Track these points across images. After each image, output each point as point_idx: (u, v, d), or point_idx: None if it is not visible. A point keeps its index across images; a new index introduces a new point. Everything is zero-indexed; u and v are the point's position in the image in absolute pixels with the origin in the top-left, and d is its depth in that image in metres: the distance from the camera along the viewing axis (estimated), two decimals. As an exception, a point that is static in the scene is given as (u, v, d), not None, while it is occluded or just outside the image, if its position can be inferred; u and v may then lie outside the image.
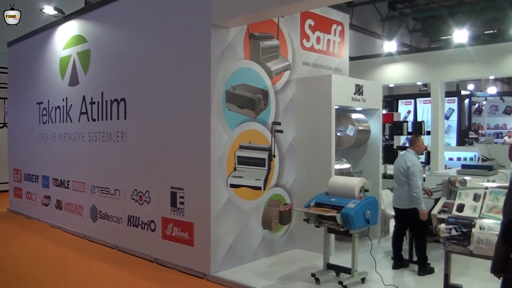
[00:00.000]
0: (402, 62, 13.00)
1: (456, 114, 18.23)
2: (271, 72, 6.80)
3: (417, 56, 13.29)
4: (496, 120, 23.97)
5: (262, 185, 6.66)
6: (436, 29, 23.34)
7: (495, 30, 21.99)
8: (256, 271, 6.11)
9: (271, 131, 6.78)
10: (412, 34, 23.08)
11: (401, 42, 21.62)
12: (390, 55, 13.44)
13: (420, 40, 24.30)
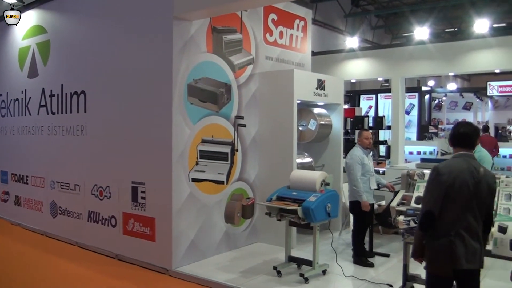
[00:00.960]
0: (364, 58, 13.19)
1: (416, 109, 18.63)
2: (234, 66, 6.78)
3: (379, 52, 13.51)
4: (456, 115, 24.63)
5: (224, 179, 6.65)
6: (398, 26, 23.71)
7: (455, 28, 22.47)
8: (219, 265, 6.12)
9: (234, 125, 6.78)
10: (375, 31, 23.38)
11: (364, 38, 21.90)
12: (353, 51, 13.61)
13: (383, 37, 24.64)
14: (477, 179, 3.35)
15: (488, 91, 21.05)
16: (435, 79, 25.00)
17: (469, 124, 3.68)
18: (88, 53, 7.16)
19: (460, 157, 3.47)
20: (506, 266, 5.08)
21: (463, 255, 3.29)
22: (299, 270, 5.78)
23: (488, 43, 11.19)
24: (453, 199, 3.32)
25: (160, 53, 6.07)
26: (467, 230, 3.32)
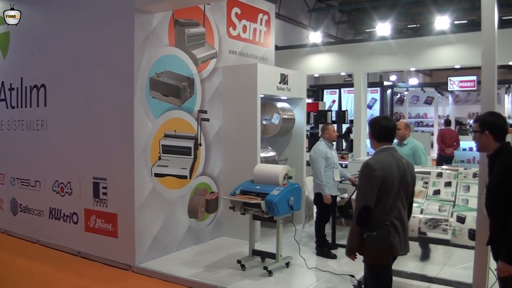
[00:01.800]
0: (327, 53, 13.29)
1: (379, 103, 18.94)
2: (197, 59, 6.72)
3: (341, 47, 13.64)
4: (417, 109, 25.15)
5: (188, 174, 6.61)
6: (361, 22, 23.99)
7: (417, 25, 22.88)
8: (182, 260, 6.08)
9: (197, 119, 6.73)
10: (338, 26, 23.60)
11: (328, 33, 22.07)
12: (316, 46, 13.69)
13: (346, 32, 24.88)
14: (402, 170, 3.56)
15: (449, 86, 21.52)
16: (397, 74, 25.43)
17: (388, 118, 3.85)
18: (48, 46, 6.97)
19: (386, 151, 3.62)
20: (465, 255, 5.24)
21: (398, 243, 3.49)
22: (263, 263, 5.81)
23: (449, 40, 11.45)
24: (386, 192, 3.47)
25: (121, 46, 5.96)
26: (399, 219, 3.52)
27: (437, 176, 4.85)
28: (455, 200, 4.59)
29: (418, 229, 4.48)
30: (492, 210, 3.25)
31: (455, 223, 4.36)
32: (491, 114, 3.44)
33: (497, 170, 3.20)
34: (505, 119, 3.40)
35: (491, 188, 3.25)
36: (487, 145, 3.35)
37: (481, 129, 3.34)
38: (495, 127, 3.32)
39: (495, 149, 3.31)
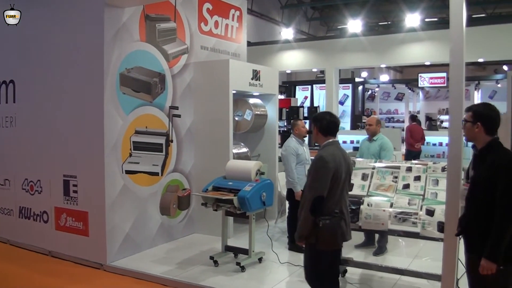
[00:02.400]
0: (299, 49, 13.36)
1: (350, 100, 19.14)
2: (168, 55, 6.65)
3: (313, 44, 13.73)
4: (388, 105, 25.49)
5: (159, 171, 6.55)
6: (333, 19, 24.12)
7: (389, 22, 23.15)
8: (155, 257, 6.04)
9: (168, 115, 6.67)
10: (310, 23, 23.67)
11: (300, 29, 22.15)
12: (288, 42, 13.74)
13: (318, 29, 24.99)
14: (347, 162, 3.88)
15: (420, 83, 21.87)
16: (368, 71, 25.69)
17: (332, 114, 4.07)
18: (17, 41, 6.77)
19: (333, 145, 3.88)
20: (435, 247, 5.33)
21: (345, 230, 3.81)
22: (235, 259, 5.81)
23: (419, 37, 11.64)
24: (336, 182, 3.73)
25: (91, 41, 5.85)
26: (346, 207, 3.86)
27: (406, 170, 4.92)
28: (424, 194, 4.66)
29: (388, 222, 4.53)
30: (475, 203, 3.22)
31: (424, 216, 4.43)
32: (485, 105, 3.39)
33: (489, 166, 3.14)
34: (499, 112, 3.32)
35: (478, 182, 3.22)
36: (477, 137, 3.28)
37: (473, 120, 3.26)
38: (488, 119, 3.25)
39: (486, 143, 3.24)
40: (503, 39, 10.53)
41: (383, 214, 4.57)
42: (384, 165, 5.09)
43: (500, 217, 3.01)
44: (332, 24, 25.12)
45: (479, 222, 3.17)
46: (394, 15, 21.37)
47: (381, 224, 4.56)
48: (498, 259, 3.00)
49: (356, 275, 5.38)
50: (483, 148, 3.26)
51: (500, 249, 3.00)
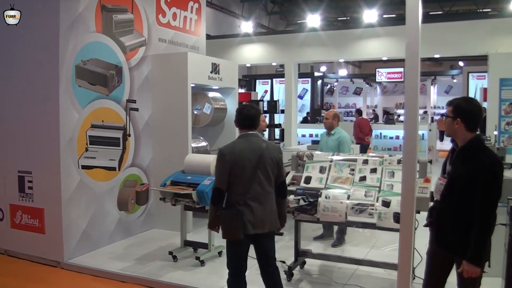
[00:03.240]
0: (259, 43, 13.38)
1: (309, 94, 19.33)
2: (125, 47, 6.52)
3: (273, 38, 13.78)
4: (347, 100, 25.94)
5: (116, 166, 6.43)
6: (293, 13, 24.26)
7: (347, 17, 23.45)
8: (113, 254, 5.95)
9: (125, 109, 6.55)
10: (270, 17, 23.73)
11: (260, 23, 22.16)
12: (248, 36, 13.73)
13: (278, 23, 25.08)
14: (258, 153, 3.79)
15: (377, 77, 22.35)
16: (327, 65, 26.01)
17: (250, 107, 4.04)
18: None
19: (243, 137, 3.90)
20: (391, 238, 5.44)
21: (250, 222, 3.75)
22: (195, 253, 5.78)
23: (377, 32, 11.86)
24: (238, 175, 3.76)
25: (46, 32, 5.66)
26: (254, 200, 3.78)
27: (363, 163, 4.99)
28: (380, 186, 4.75)
29: (345, 214, 4.60)
30: (451, 199, 3.19)
31: (380, 208, 4.52)
32: (467, 100, 3.29)
33: (472, 165, 3.08)
34: (481, 108, 3.25)
35: (457, 179, 3.16)
36: (457, 133, 3.20)
37: (454, 115, 3.18)
38: (469, 115, 3.17)
39: (468, 141, 3.17)
40: (458, 36, 10.86)
41: (341, 206, 4.63)
42: (341, 158, 5.15)
43: (483, 220, 3.01)
44: (292, 19, 25.25)
45: (452, 218, 3.17)
46: (353, 11, 21.66)
47: (338, 216, 4.62)
48: (482, 263, 3.03)
49: (315, 267, 5.45)
50: (464, 146, 3.18)
51: (484, 252, 3.03)
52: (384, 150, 14.00)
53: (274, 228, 3.93)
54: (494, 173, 3.02)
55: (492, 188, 3.01)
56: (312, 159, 5.20)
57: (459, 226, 3.10)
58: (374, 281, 5.03)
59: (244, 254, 3.92)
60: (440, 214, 3.29)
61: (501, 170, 3.07)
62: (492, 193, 3.02)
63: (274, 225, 3.92)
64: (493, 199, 3.02)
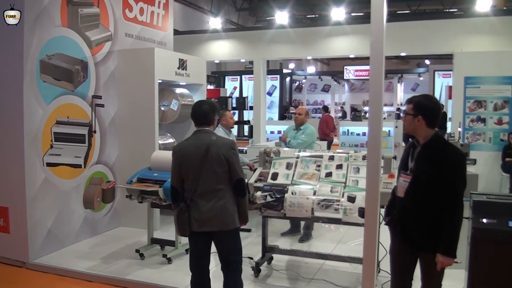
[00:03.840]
0: (227, 39, 13.35)
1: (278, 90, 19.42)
2: (90, 42, 6.41)
3: (242, 34, 13.78)
4: (315, 96, 26.14)
5: (82, 163, 6.33)
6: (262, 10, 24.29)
7: (316, 15, 23.61)
8: (79, 253, 5.86)
9: (91, 105, 6.45)
10: (240, 13, 23.71)
11: (229, 20, 22.12)
12: (216, 32, 13.69)
13: (247, 19, 25.06)
14: (205, 149, 3.68)
15: (345, 75, 22.61)
16: (296, 62, 26.16)
17: (204, 102, 4.04)
18: None
19: (194, 134, 3.86)
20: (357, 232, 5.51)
21: (195, 219, 3.70)
22: (162, 251, 5.75)
23: (345, 30, 11.99)
24: (186, 172, 3.73)
25: (10, 26, 5.47)
26: (201, 197, 3.70)
27: (329, 159, 5.06)
28: (346, 181, 4.82)
29: (311, 210, 4.65)
30: (415, 196, 3.23)
31: (346, 203, 4.59)
32: (427, 97, 3.35)
33: (437, 162, 3.13)
34: (441, 105, 3.28)
35: (421, 176, 3.20)
36: (418, 130, 3.24)
37: (414, 112, 3.22)
38: (429, 112, 3.22)
39: (429, 137, 3.22)
40: (425, 35, 11.06)
41: (307, 202, 4.68)
42: (308, 154, 5.20)
43: (452, 213, 3.07)
44: (261, 15, 25.28)
45: (418, 215, 3.21)
46: (321, 9, 21.82)
47: (304, 212, 4.67)
48: (454, 253, 3.09)
49: (283, 262, 5.50)
50: (427, 143, 3.22)
51: (455, 243, 3.08)
52: (352, 147, 14.15)
53: (226, 227, 3.74)
54: (460, 168, 3.11)
55: (459, 183, 3.10)
56: (279, 155, 5.24)
57: (425, 223, 3.15)
58: (340, 275, 5.10)
59: (199, 250, 3.84)
60: (404, 211, 3.32)
61: (465, 164, 3.17)
62: (459, 188, 3.10)
63: (225, 224, 3.74)
64: (461, 193, 3.11)
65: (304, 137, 6.41)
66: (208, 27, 15.46)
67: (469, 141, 9.41)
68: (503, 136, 9.32)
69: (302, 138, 6.41)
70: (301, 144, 6.31)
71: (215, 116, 3.92)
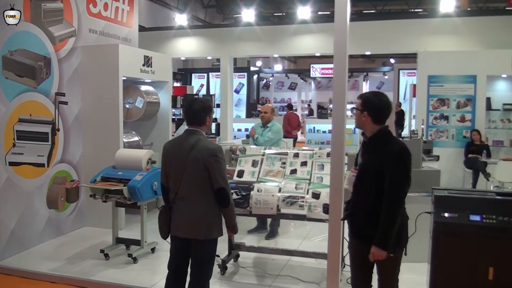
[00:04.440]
0: (194, 36, 13.29)
1: (245, 88, 19.44)
2: (54, 37, 6.28)
3: (208, 32, 13.73)
4: (282, 94, 26.28)
5: (45, 162, 6.21)
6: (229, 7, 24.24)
7: (283, 13, 23.70)
8: (43, 254, 5.75)
9: (54, 102, 6.32)
10: (207, 10, 23.58)
11: (196, 16, 21.98)
12: (183, 29, 13.61)
13: (215, 16, 24.94)
14: (186, 152, 3.52)
15: (311, 73, 22.78)
16: (263, 60, 26.21)
17: (197, 101, 3.76)
18: None
19: (184, 133, 3.71)
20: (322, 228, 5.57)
21: (174, 224, 3.59)
22: (127, 250, 5.68)
23: (311, 29, 12.10)
24: (169, 171, 3.63)
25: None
26: (181, 200, 3.56)
27: (294, 156, 5.11)
28: (310, 178, 4.88)
29: (277, 207, 4.69)
30: (363, 190, 3.29)
31: (310, 199, 4.65)
32: (374, 94, 3.39)
33: (379, 154, 3.20)
34: (388, 103, 3.34)
35: (367, 169, 3.27)
36: (365, 125, 3.31)
37: (362, 108, 3.29)
38: (375, 108, 3.28)
39: (374, 132, 3.28)
40: (390, 34, 11.28)
41: (272, 199, 4.73)
42: (273, 152, 5.24)
43: (389, 205, 3.10)
44: (229, 13, 25.22)
45: (366, 209, 3.26)
46: (288, 7, 21.91)
47: (270, 209, 4.71)
48: (388, 246, 3.12)
49: (249, 259, 5.52)
50: (372, 137, 3.30)
51: (390, 237, 3.11)
52: (318, 144, 14.34)
53: (199, 236, 3.54)
54: (401, 161, 3.14)
55: (399, 175, 3.12)
56: (245, 153, 5.26)
57: (373, 217, 3.17)
58: (306, 271, 5.16)
59: (175, 254, 3.70)
60: (354, 205, 3.39)
61: (408, 158, 3.18)
62: (399, 181, 3.12)
63: (198, 233, 3.53)
64: (399, 185, 3.12)
65: (270, 135, 6.46)
66: (174, 23, 15.31)
67: (433, 138, 9.63)
68: (466, 133, 9.59)
69: (269, 135, 6.46)
70: (268, 141, 6.36)
71: (207, 116, 3.68)
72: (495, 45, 10.18)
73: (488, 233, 3.69)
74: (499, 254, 3.65)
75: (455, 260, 3.78)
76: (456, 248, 3.78)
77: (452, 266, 3.79)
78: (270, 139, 6.42)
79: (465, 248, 3.77)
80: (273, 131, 6.52)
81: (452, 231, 3.80)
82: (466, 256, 3.75)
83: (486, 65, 9.40)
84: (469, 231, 3.74)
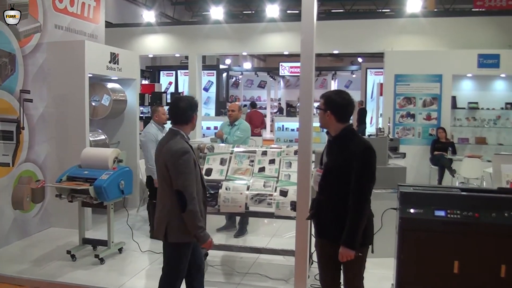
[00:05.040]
0: (162, 33, 13.16)
1: (215, 86, 19.38)
2: (19, 33, 6.14)
3: (177, 29, 13.62)
4: (252, 92, 26.31)
5: (10, 161, 6.07)
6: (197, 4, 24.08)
7: (252, 11, 23.67)
8: (8, 256, 5.65)
9: (19, 100, 6.18)
10: (175, 7, 23.37)
11: (165, 13, 21.76)
12: (151, 26, 13.47)
13: (183, 13, 24.72)
14: (158, 152, 3.56)
15: (280, 71, 22.88)
16: (232, 58, 26.16)
17: (182, 99, 3.64)
18: None
19: (167, 133, 3.65)
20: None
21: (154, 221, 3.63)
22: (94, 251, 5.62)
23: (280, 27, 12.14)
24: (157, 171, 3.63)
25: None
26: (160, 200, 3.55)
27: (262, 154, 5.13)
28: (278, 176, 4.91)
29: (245, 205, 4.71)
30: (328, 189, 3.30)
31: (278, 197, 4.69)
32: (336, 93, 3.38)
33: (343, 153, 3.20)
34: (351, 100, 3.34)
35: (332, 168, 3.28)
36: (329, 125, 3.31)
37: (324, 107, 3.28)
38: (337, 107, 3.27)
39: (339, 131, 3.28)
40: (357, 34, 11.40)
41: (241, 197, 4.74)
42: (242, 150, 5.26)
43: (356, 205, 3.12)
44: (197, 10, 25.07)
45: (331, 208, 3.27)
46: (257, 5, 21.92)
47: (238, 207, 4.72)
48: (356, 246, 3.14)
49: (218, 258, 5.53)
50: (336, 136, 3.30)
51: (357, 236, 3.14)
52: (286, 142, 14.41)
53: (159, 237, 3.52)
54: (365, 159, 3.17)
55: (364, 173, 3.15)
56: (213, 151, 5.25)
57: (338, 216, 3.20)
58: (274, 268, 5.20)
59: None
60: (319, 205, 3.40)
61: (372, 156, 3.21)
62: (364, 179, 3.15)
63: (159, 234, 3.51)
64: (365, 185, 3.16)
65: (239, 133, 6.47)
66: (142, 20, 15.12)
67: (399, 135, 9.83)
68: (432, 131, 9.82)
69: (238, 134, 6.46)
70: (237, 140, 6.36)
71: (194, 114, 3.58)
72: (460, 45, 10.43)
73: (452, 228, 3.76)
74: (463, 248, 3.73)
75: (421, 254, 3.85)
76: (422, 243, 3.85)
77: (418, 260, 3.86)
78: (239, 138, 6.43)
79: (431, 243, 3.84)
80: (241, 129, 6.53)
81: (418, 227, 3.86)
82: (432, 250, 3.82)
83: (452, 64, 9.65)
84: (434, 226, 3.81)
